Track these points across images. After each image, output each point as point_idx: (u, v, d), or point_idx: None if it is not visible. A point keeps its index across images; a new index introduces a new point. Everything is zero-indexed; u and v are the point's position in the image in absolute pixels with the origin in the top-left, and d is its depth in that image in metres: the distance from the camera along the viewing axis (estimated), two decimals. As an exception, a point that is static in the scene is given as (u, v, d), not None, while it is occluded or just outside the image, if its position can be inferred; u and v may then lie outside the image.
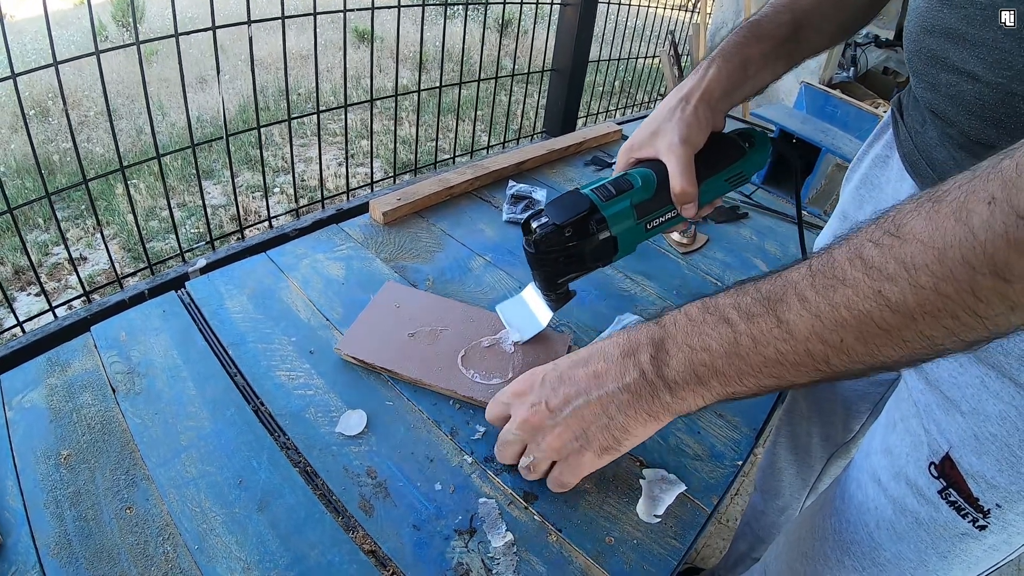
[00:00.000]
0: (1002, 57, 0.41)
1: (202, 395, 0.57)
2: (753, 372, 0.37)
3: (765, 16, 0.61)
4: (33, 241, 2.67)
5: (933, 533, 0.52)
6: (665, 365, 0.41)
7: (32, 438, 0.52)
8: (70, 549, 0.45)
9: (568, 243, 0.55)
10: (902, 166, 0.58)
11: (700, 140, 0.57)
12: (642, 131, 0.60)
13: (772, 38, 0.60)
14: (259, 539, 0.46)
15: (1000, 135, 0.43)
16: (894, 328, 0.31)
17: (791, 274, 0.36)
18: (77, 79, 3.96)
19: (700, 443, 0.59)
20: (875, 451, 0.59)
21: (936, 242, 0.29)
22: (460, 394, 0.59)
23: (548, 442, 0.47)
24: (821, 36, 0.62)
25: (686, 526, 0.52)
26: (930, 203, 0.30)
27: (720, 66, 0.59)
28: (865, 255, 0.32)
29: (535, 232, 0.55)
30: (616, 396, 0.43)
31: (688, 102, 0.57)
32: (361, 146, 3.67)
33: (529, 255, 0.57)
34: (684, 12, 3.18)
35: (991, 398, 0.46)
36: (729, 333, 0.38)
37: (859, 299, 0.32)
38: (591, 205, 0.54)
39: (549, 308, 0.64)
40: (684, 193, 0.55)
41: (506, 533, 0.48)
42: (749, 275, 0.85)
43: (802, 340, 0.34)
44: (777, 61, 0.61)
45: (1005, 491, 0.46)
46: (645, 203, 0.56)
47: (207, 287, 0.70)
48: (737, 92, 0.60)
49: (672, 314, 0.42)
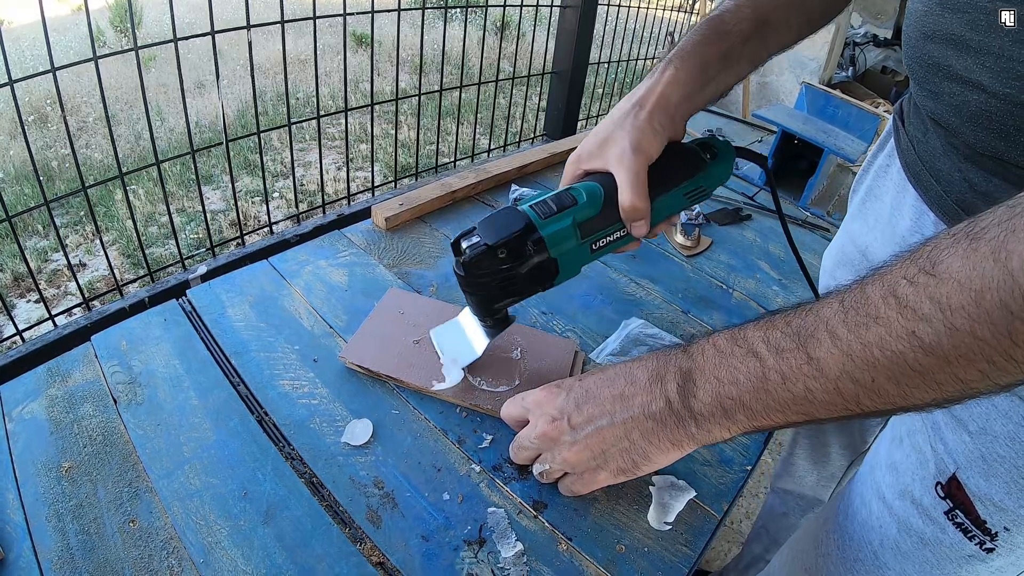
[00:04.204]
0: (1009, 65, 0.39)
1: (205, 405, 0.57)
2: (781, 408, 0.36)
3: (726, 10, 0.56)
4: (32, 248, 2.67)
5: (939, 554, 0.51)
6: (692, 396, 0.40)
7: (33, 450, 0.51)
8: (73, 563, 0.44)
9: (501, 266, 0.49)
10: (903, 175, 0.57)
11: (654, 150, 0.51)
12: (591, 139, 0.54)
13: (733, 35, 0.55)
14: (265, 552, 0.45)
15: (1008, 147, 0.42)
16: (927, 370, 0.30)
17: (823, 309, 0.35)
18: (75, 85, 3.96)
19: (709, 448, 0.58)
20: (880, 466, 0.58)
21: (973, 283, 0.28)
22: (467, 402, 0.59)
23: (564, 456, 0.47)
24: (787, 30, 0.58)
25: (697, 532, 0.51)
26: (967, 240, 0.29)
27: (677, 67, 0.53)
28: (899, 293, 0.31)
29: (465, 253, 0.50)
30: (641, 422, 0.43)
31: (642, 107, 0.52)
32: (360, 150, 3.67)
33: (459, 278, 0.51)
34: (683, 13, 3.19)
35: (1000, 418, 0.44)
36: (757, 368, 0.37)
37: (892, 339, 0.31)
38: (527, 223, 0.48)
39: (486, 335, 0.58)
40: (634, 209, 0.50)
41: (516, 543, 0.48)
42: (752, 276, 0.86)
43: (832, 379, 0.34)
44: (740, 61, 0.57)
45: (1014, 514, 0.45)
46: (590, 221, 0.50)
47: (208, 295, 0.69)
48: (697, 96, 0.54)
49: (700, 343, 0.42)
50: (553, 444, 0.48)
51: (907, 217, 0.56)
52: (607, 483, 0.47)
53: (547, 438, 0.48)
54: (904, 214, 0.56)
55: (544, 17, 2.58)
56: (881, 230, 0.61)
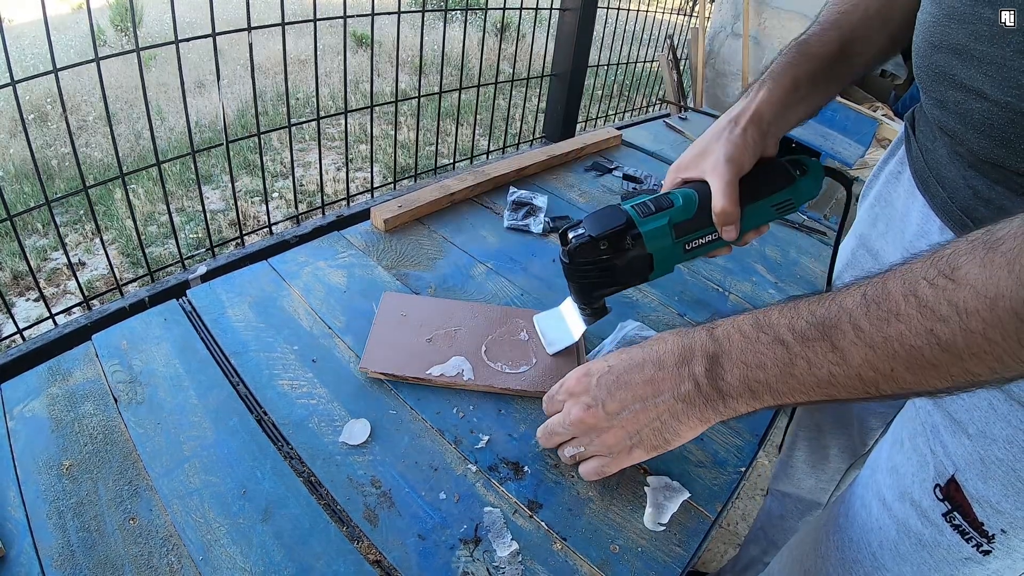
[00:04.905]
0: (1011, 75, 0.40)
1: (204, 404, 0.57)
2: (805, 390, 0.39)
3: (812, 35, 0.60)
4: (32, 246, 2.67)
5: (936, 556, 0.51)
6: (720, 379, 0.43)
7: (34, 448, 0.52)
8: (73, 560, 0.44)
9: (602, 256, 0.54)
10: (913, 183, 0.58)
11: (747, 162, 0.56)
12: (690, 151, 0.59)
13: (820, 57, 0.59)
14: (264, 550, 0.46)
15: (1009, 155, 0.43)
16: (942, 364, 0.33)
17: (846, 300, 0.37)
18: (75, 84, 3.97)
19: (703, 450, 0.59)
20: (881, 469, 0.59)
21: (989, 291, 0.30)
22: (498, 387, 0.61)
23: (603, 440, 0.49)
24: (872, 50, 0.60)
25: (690, 533, 0.51)
26: (984, 249, 0.31)
27: (771, 87, 0.57)
28: (920, 293, 0.33)
29: (570, 242, 0.55)
30: (671, 404, 0.45)
31: (737, 124, 0.56)
32: (360, 151, 3.67)
33: (564, 265, 0.57)
34: (683, 16, 3.20)
35: (999, 421, 0.45)
36: (784, 354, 0.39)
37: (911, 335, 0.33)
38: (628, 220, 0.54)
39: (583, 322, 0.63)
40: (724, 213, 0.54)
41: (511, 542, 0.48)
42: (748, 279, 0.86)
43: (855, 367, 0.36)
44: (828, 82, 0.60)
45: (1010, 516, 0.46)
46: (685, 223, 0.55)
47: (208, 295, 0.70)
48: (790, 113, 0.58)
49: (724, 328, 0.44)
50: (590, 430, 0.50)
51: (915, 223, 0.57)
52: (640, 459, 0.50)
53: (584, 424, 0.50)
54: (912, 220, 0.58)
55: (544, 19, 2.59)
56: (893, 236, 0.63)
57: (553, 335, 0.67)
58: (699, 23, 2.82)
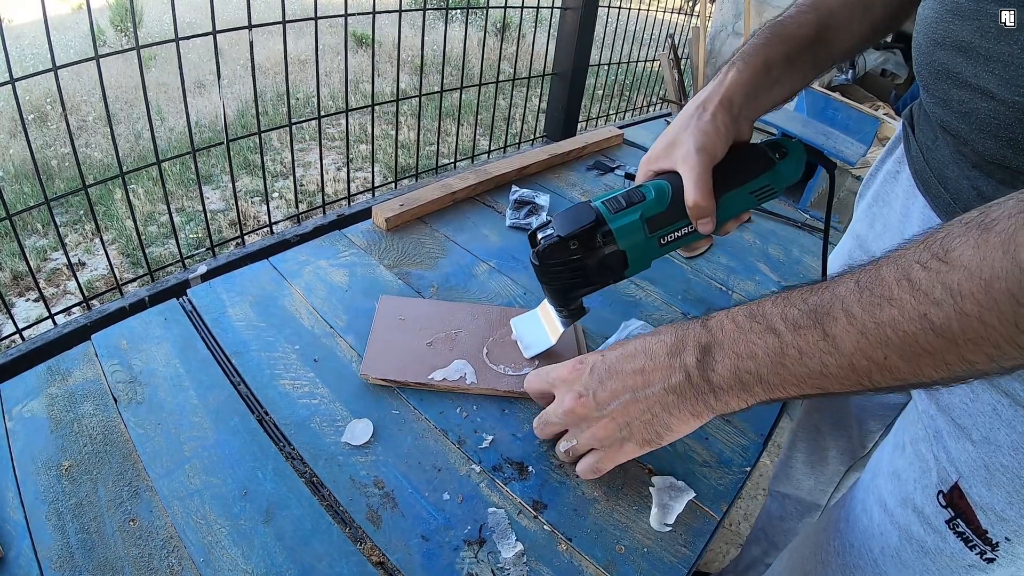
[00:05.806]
0: (1018, 73, 0.39)
1: (205, 405, 0.57)
2: (796, 382, 0.38)
3: (788, 16, 0.58)
4: (31, 246, 2.66)
5: (939, 563, 0.50)
6: (711, 370, 0.42)
7: (33, 448, 0.51)
8: (73, 562, 0.44)
9: (573, 256, 0.53)
10: (912, 182, 0.57)
11: (719, 150, 0.53)
12: (660, 142, 0.56)
13: (795, 39, 0.56)
14: (265, 551, 0.45)
15: (1016, 155, 0.42)
16: (937, 351, 0.32)
17: (838, 287, 0.36)
18: (75, 83, 3.96)
19: (708, 449, 0.58)
20: (882, 473, 0.58)
21: (983, 273, 0.29)
22: (502, 390, 0.60)
23: (592, 431, 0.48)
24: (850, 36, 0.58)
25: (696, 533, 0.51)
26: (978, 230, 0.30)
27: (741, 69, 0.55)
28: (913, 277, 0.32)
29: (539, 243, 0.54)
30: (661, 396, 0.44)
31: (706, 109, 0.53)
32: (360, 150, 3.67)
33: (535, 268, 0.55)
34: (684, 16, 3.19)
35: (1003, 427, 0.44)
36: (776, 343, 0.38)
37: (904, 320, 0.32)
38: (598, 217, 0.52)
39: (561, 324, 0.62)
40: (697, 206, 0.52)
41: (516, 543, 0.48)
42: (752, 278, 0.86)
43: (847, 355, 0.35)
44: (803, 64, 0.57)
45: (1015, 524, 0.45)
46: (658, 216, 0.53)
47: (209, 294, 0.69)
48: (762, 96, 0.56)
49: (718, 318, 0.43)
50: (580, 420, 0.49)
51: (916, 224, 0.56)
52: (633, 455, 0.49)
53: (574, 414, 0.49)
54: (913, 221, 0.57)
55: (545, 19, 2.58)
56: (890, 236, 0.62)
57: (530, 338, 0.65)
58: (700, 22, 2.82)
